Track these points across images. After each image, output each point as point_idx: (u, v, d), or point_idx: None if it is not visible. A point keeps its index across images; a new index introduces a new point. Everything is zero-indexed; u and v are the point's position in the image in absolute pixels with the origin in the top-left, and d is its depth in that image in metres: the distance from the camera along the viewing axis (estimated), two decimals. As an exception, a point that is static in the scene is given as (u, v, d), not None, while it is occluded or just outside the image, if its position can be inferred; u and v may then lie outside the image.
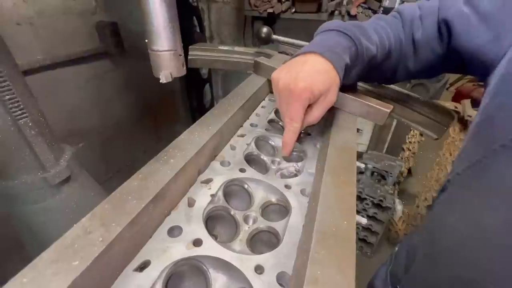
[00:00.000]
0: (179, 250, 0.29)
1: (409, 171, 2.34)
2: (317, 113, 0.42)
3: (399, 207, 2.00)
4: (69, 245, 0.23)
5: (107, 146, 1.52)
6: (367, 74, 0.52)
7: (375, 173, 1.92)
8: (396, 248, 0.61)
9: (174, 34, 0.30)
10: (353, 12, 1.48)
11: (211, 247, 0.29)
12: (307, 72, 0.40)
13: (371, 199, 1.76)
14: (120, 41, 1.35)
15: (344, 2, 1.64)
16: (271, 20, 1.74)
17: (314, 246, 0.27)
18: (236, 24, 2.10)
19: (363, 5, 1.57)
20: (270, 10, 1.59)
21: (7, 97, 0.51)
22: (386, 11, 1.48)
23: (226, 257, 0.28)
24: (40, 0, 1.03)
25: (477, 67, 0.40)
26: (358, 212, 1.83)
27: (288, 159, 0.47)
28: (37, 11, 1.02)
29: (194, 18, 1.80)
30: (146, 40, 0.30)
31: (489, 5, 0.37)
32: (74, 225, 0.25)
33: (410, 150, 2.08)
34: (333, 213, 0.31)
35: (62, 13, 1.12)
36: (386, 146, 2.27)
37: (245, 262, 0.28)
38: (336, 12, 1.54)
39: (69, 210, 0.66)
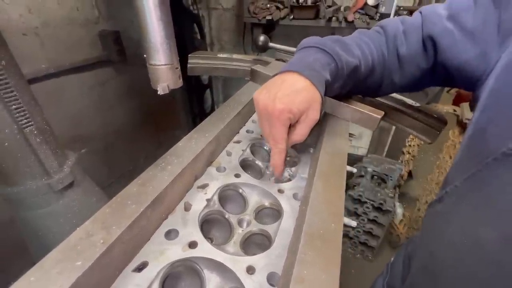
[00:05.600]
0: (175, 252, 0.30)
1: (410, 174, 2.34)
2: (300, 132, 0.42)
3: (399, 210, 2.00)
4: (73, 246, 0.25)
5: (109, 152, 1.55)
6: (351, 88, 0.52)
7: (375, 177, 1.93)
8: (392, 259, 0.61)
9: (170, 50, 0.32)
10: (350, 18, 1.50)
11: (205, 249, 0.31)
12: (285, 92, 0.39)
13: (371, 202, 1.76)
14: (122, 49, 1.39)
15: (342, 9, 1.67)
16: (270, 26, 1.77)
17: (302, 247, 0.28)
18: (236, 30, 2.14)
19: (360, 11, 1.59)
20: (269, 17, 1.62)
21: (14, 106, 0.53)
22: (383, 17, 1.50)
23: (219, 259, 0.30)
24: (45, 11, 1.07)
25: (465, 81, 0.41)
26: (358, 215, 1.83)
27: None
28: (42, 22, 1.06)
29: (195, 25, 1.84)
30: (145, 55, 0.32)
31: (473, 22, 0.38)
32: (77, 228, 0.27)
33: (410, 153, 2.09)
34: (321, 216, 0.32)
35: (66, 23, 1.15)
36: (386, 149, 2.28)
37: (238, 263, 0.30)
38: (334, 18, 1.56)
39: (72, 214, 0.68)
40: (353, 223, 0.39)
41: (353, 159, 2.21)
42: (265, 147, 0.53)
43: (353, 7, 1.59)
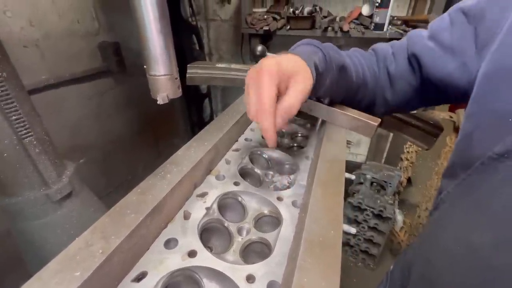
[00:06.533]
0: (175, 261, 0.30)
1: (409, 180, 2.34)
2: (290, 99, 0.37)
3: (399, 217, 1.99)
4: (72, 256, 0.25)
5: (107, 161, 1.54)
6: (346, 99, 0.53)
7: (374, 184, 1.93)
8: (391, 267, 0.61)
9: (170, 60, 0.33)
10: (345, 28, 1.53)
11: (205, 258, 0.31)
12: (275, 57, 0.38)
13: (371, 209, 1.75)
14: (122, 59, 1.40)
15: (337, 19, 1.71)
16: (267, 36, 1.80)
17: (302, 254, 0.28)
18: (234, 40, 2.17)
19: (355, 21, 1.63)
20: (266, 28, 1.65)
21: (14, 117, 0.54)
22: (377, 26, 1.54)
23: (219, 267, 0.30)
24: (46, 24, 1.08)
25: (453, 94, 0.43)
26: (358, 223, 1.82)
27: (280, 170, 0.49)
28: (43, 34, 1.07)
29: (193, 36, 1.87)
30: (145, 66, 0.33)
31: (450, 38, 0.41)
32: (77, 238, 0.27)
33: (408, 160, 2.09)
34: (320, 223, 0.33)
35: (67, 35, 1.17)
36: (384, 156, 2.28)
37: (237, 272, 0.30)
38: (329, 28, 1.59)
39: (70, 225, 0.68)
40: (353, 230, 0.39)
41: (352, 166, 2.21)
42: (264, 155, 0.54)
43: (348, 17, 1.63)
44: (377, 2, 1.50)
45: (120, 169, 1.66)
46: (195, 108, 2.06)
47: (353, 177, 0.50)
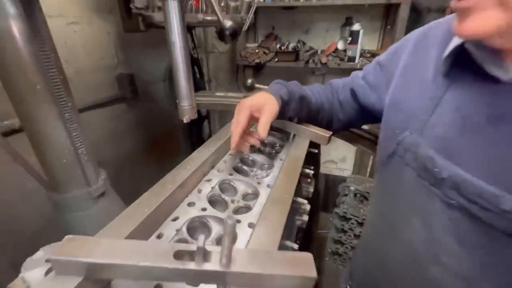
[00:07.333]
0: (194, 212, 0.52)
1: (392, 193, 2.54)
2: (263, 118, 0.58)
3: (381, 225, 2.15)
4: (140, 203, 0.47)
5: (118, 176, 1.74)
6: (309, 119, 0.73)
7: (358, 195, 2.12)
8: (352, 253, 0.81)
9: (191, 96, 0.56)
10: (323, 61, 1.82)
11: (212, 212, 0.52)
12: (251, 97, 0.61)
13: (355, 218, 1.94)
14: (135, 88, 1.66)
15: (319, 52, 2.01)
16: (259, 67, 2.09)
17: (266, 206, 0.50)
18: (230, 70, 2.47)
19: (332, 54, 1.93)
20: (257, 60, 1.94)
21: (74, 133, 0.76)
22: (350, 59, 1.83)
23: (220, 216, 0.51)
24: (78, 62, 1.34)
25: (380, 116, 0.60)
26: (345, 232, 1.99)
27: (261, 167, 0.71)
28: (75, 70, 1.33)
29: (195, 66, 2.16)
30: (177, 100, 0.56)
31: (373, 79, 0.61)
32: (140, 197, 0.49)
33: (388, 173, 2.31)
34: (280, 193, 0.55)
35: (93, 70, 1.43)
36: (368, 170, 2.50)
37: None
38: (311, 60, 1.88)
39: (102, 218, 0.87)
40: (305, 202, 0.60)
41: (338, 180, 2.42)
42: (250, 158, 0.76)
43: (327, 51, 1.94)
44: (349, 39, 1.80)
45: (127, 183, 1.85)
46: (195, 129, 2.30)
47: (312, 172, 0.72)
